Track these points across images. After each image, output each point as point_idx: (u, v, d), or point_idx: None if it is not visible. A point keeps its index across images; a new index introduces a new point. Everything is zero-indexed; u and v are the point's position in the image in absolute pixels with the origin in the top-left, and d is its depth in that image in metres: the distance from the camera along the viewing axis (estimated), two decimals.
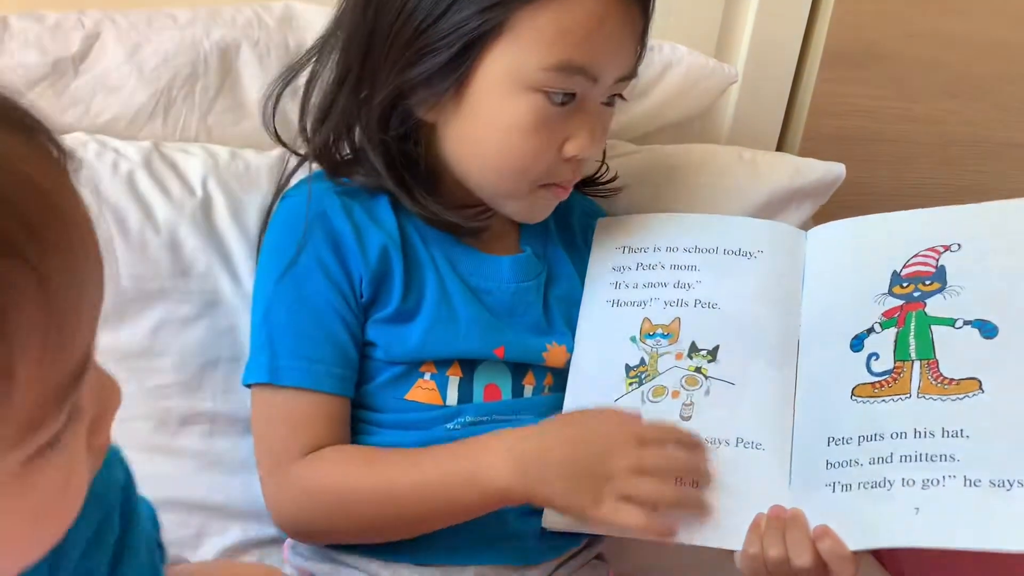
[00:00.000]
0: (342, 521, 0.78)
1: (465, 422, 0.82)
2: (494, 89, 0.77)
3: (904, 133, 1.40)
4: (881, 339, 0.77)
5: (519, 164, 0.80)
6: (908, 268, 0.80)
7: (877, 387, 0.75)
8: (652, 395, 0.82)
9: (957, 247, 0.79)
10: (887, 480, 0.70)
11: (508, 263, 0.87)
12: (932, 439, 0.70)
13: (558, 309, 0.89)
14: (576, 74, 0.76)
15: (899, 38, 1.34)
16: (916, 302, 0.78)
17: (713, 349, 0.83)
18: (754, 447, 0.77)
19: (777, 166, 1.09)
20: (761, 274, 0.87)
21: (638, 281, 0.89)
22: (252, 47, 1.00)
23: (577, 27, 0.74)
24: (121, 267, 0.87)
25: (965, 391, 0.71)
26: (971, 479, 0.67)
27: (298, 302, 0.80)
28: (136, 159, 0.92)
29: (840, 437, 0.74)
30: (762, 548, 0.72)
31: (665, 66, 1.13)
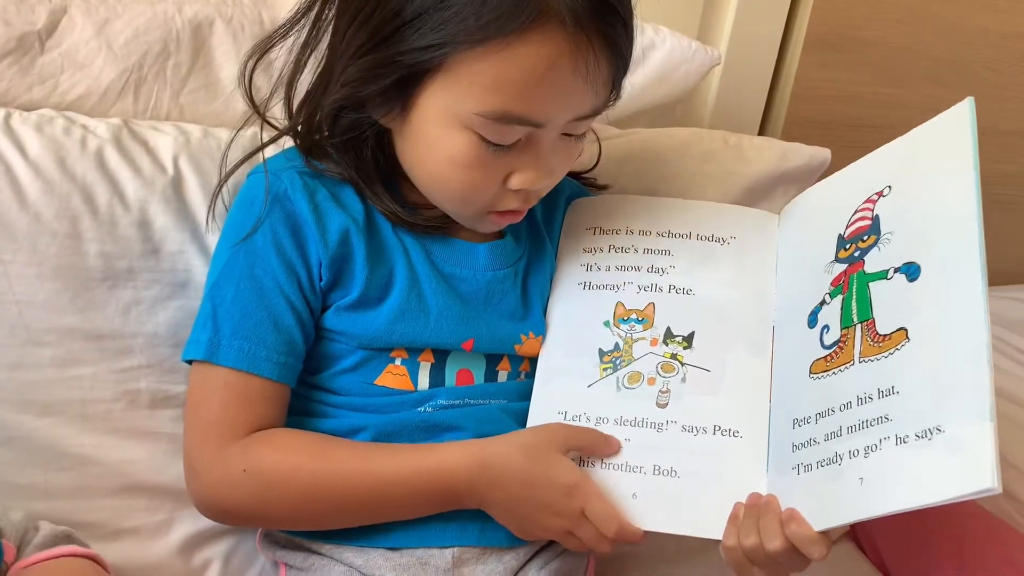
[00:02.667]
0: (278, 505, 0.77)
1: (437, 406, 0.81)
2: (433, 120, 0.73)
3: (886, 119, 1.39)
4: (831, 310, 0.76)
5: (459, 193, 0.78)
6: (849, 228, 0.78)
7: (828, 360, 0.73)
8: (628, 381, 0.81)
9: (888, 190, 0.76)
10: (837, 455, 0.68)
11: (485, 250, 0.85)
12: (871, 403, 0.68)
13: (537, 297, 0.87)
14: (513, 123, 0.71)
15: (882, 23, 1.34)
16: (857, 262, 0.75)
17: (689, 335, 0.82)
18: (732, 435, 0.77)
19: (763, 150, 1.08)
20: (735, 260, 0.86)
21: (610, 264, 0.88)
22: (226, 24, 0.98)
23: (516, 79, 0.69)
24: (90, 245, 0.85)
25: (895, 344, 0.68)
26: (901, 436, 0.64)
27: (246, 280, 0.77)
28: (105, 135, 0.89)
29: (802, 417, 0.73)
30: (738, 538, 0.71)
31: (647, 48, 1.12)
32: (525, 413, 0.83)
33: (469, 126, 0.72)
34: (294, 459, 0.76)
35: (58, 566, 0.67)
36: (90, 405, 0.85)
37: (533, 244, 0.89)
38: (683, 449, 0.77)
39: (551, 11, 0.67)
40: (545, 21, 0.67)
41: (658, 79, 1.13)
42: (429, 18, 0.69)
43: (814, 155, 1.08)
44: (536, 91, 0.70)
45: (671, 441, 0.78)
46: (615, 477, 0.77)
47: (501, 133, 0.72)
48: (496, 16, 0.67)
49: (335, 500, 0.76)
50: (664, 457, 0.77)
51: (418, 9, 0.69)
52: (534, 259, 0.89)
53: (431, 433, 0.80)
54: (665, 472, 0.76)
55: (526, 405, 0.84)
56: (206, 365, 0.77)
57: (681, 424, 0.78)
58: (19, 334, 0.83)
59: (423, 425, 0.80)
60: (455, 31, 0.68)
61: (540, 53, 0.68)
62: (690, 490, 0.76)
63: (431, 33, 0.69)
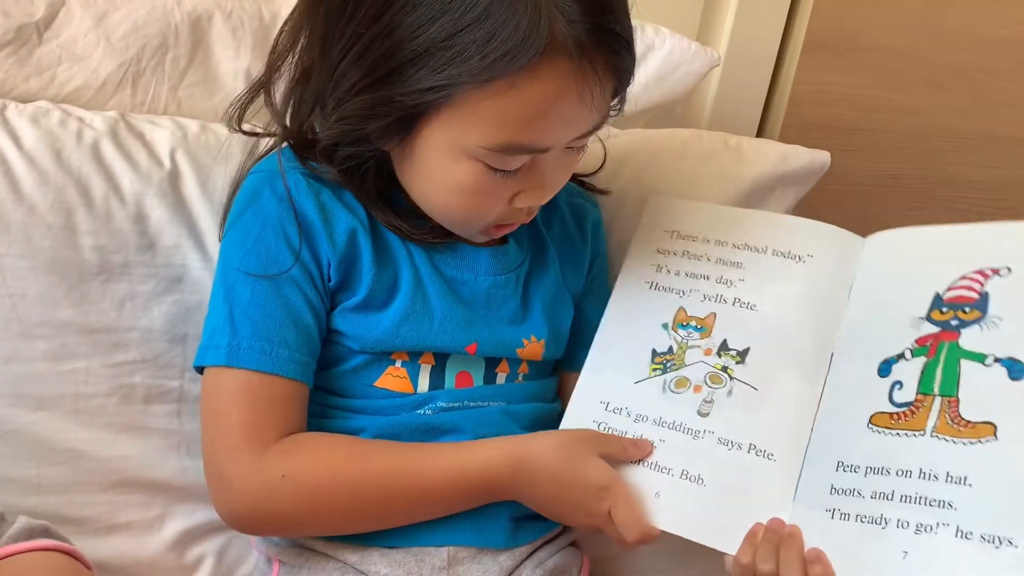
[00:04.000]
0: (319, 510, 0.76)
1: (437, 408, 0.80)
2: (438, 152, 0.73)
3: (884, 123, 1.40)
4: (909, 367, 0.74)
5: (464, 216, 0.77)
6: (952, 291, 0.75)
7: (895, 418, 0.72)
8: (674, 385, 0.81)
9: (1007, 271, 0.73)
10: (884, 518, 0.68)
11: (487, 254, 0.85)
12: (935, 482, 0.67)
13: (538, 302, 0.87)
14: (519, 153, 0.71)
15: (881, 27, 1.34)
16: (952, 331, 0.73)
17: (744, 351, 0.82)
18: (766, 456, 0.76)
19: (762, 152, 1.08)
20: (807, 280, 0.85)
21: (680, 269, 0.88)
22: (225, 18, 0.97)
23: (523, 113, 0.68)
24: (85, 238, 0.85)
25: (979, 436, 0.67)
26: (963, 531, 0.64)
27: (262, 280, 0.76)
28: (102, 129, 0.89)
29: (850, 464, 0.72)
30: (754, 559, 0.71)
31: (647, 48, 1.12)
32: (524, 415, 0.83)
33: (474, 156, 0.71)
34: (334, 462, 0.75)
35: (31, 560, 0.66)
36: (83, 400, 0.84)
37: (534, 249, 0.89)
38: (715, 460, 0.77)
39: (556, 44, 0.66)
40: (551, 55, 0.66)
41: (657, 80, 1.13)
42: (431, 57, 0.67)
43: (814, 158, 1.08)
44: (542, 122, 0.69)
45: (704, 450, 0.77)
46: (642, 473, 0.77)
47: (506, 162, 0.72)
48: (502, 55, 0.65)
49: (379, 502, 0.75)
50: (694, 463, 0.77)
51: (419, 48, 0.67)
52: (536, 264, 0.88)
53: (430, 435, 0.80)
54: (692, 478, 0.76)
55: (526, 407, 0.84)
56: (224, 370, 0.75)
57: (718, 436, 0.77)
58: (12, 327, 0.82)
59: (422, 428, 0.80)
60: (460, 71, 0.66)
61: (547, 87, 0.67)
62: (713, 500, 0.75)
63: (434, 73, 0.67)
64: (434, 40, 0.66)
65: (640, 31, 1.11)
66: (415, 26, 0.67)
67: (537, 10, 0.65)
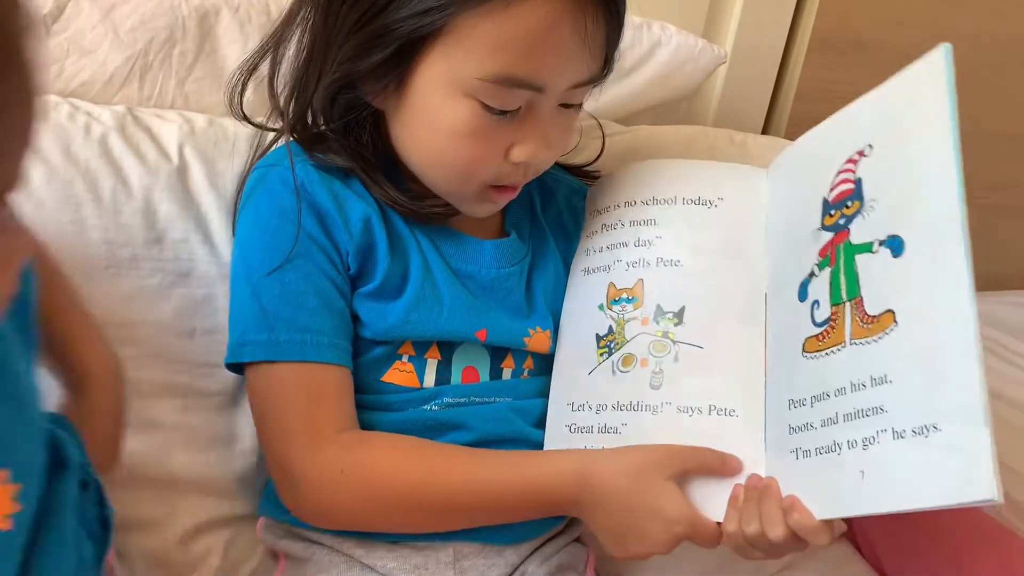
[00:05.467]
0: (378, 508, 0.75)
1: (443, 404, 0.80)
2: (433, 90, 0.72)
3: None
4: (820, 283, 0.70)
5: (461, 167, 0.76)
6: (834, 190, 0.71)
7: (821, 339, 0.68)
8: (622, 365, 0.78)
9: (869, 148, 0.68)
10: (836, 443, 0.64)
11: (491, 247, 0.85)
12: (864, 391, 0.63)
13: (541, 294, 0.87)
14: (516, 87, 0.71)
15: (886, 26, 1.34)
16: (842, 231, 0.68)
17: (679, 311, 0.78)
18: (727, 414, 0.73)
19: (768, 149, 1.09)
20: (723, 224, 0.81)
21: (602, 244, 0.85)
22: (232, 12, 0.97)
23: (518, 39, 0.68)
24: (93, 232, 0.85)
25: (884, 327, 0.62)
26: (897, 431, 0.60)
27: (290, 271, 0.76)
28: (110, 123, 0.89)
29: (797, 399, 0.69)
30: (740, 524, 0.69)
31: (653, 45, 1.12)
32: (532, 411, 0.83)
33: (470, 93, 0.71)
34: (396, 462, 0.75)
35: None
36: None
37: (536, 242, 0.89)
38: (680, 431, 0.73)
39: None
40: None
41: (663, 76, 1.13)
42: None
43: None
44: (537, 52, 0.69)
45: (667, 423, 0.74)
46: None
47: (503, 98, 0.71)
48: None
49: (439, 505, 0.75)
50: (661, 440, 0.73)
51: None
52: (538, 256, 0.88)
53: (437, 432, 0.79)
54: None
55: (533, 403, 0.84)
56: (268, 366, 0.75)
57: (676, 405, 0.74)
58: None
59: (429, 424, 0.80)
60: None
61: (541, 12, 0.68)
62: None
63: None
64: None
65: (647, 28, 1.11)
66: None
67: None
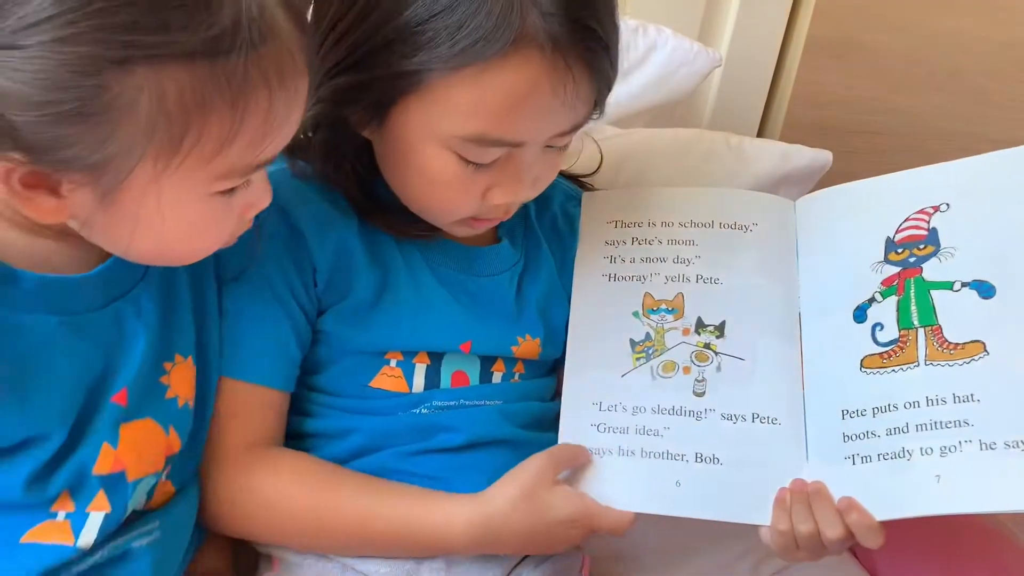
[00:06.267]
0: (273, 528, 0.77)
1: (432, 407, 0.80)
2: (411, 137, 0.72)
3: (884, 124, 1.40)
4: (883, 308, 0.78)
5: (438, 208, 0.77)
6: (901, 233, 0.80)
7: (885, 357, 0.75)
8: (662, 370, 0.81)
9: (946, 207, 0.79)
10: (906, 450, 0.71)
11: (481, 253, 0.85)
12: (944, 406, 0.71)
13: (533, 301, 0.86)
14: (492, 145, 0.70)
15: (882, 30, 1.34)
16: (912, 268, 0.78)
17: (720, 324, 0.83)
18: (771, 422, 0.78)
19: (764, 152, 1.08)
20: (758, 247, 0.86)
21: (635, 256, 0.87)
22: None
23: (495, 104, 0.67)
24: None
25: (971, 355, 0.71)
26: (986, 442, 0.68)
27: (243, 290, 0.76)
28: None
29: (854, 410, 0.75)
30: (791, 524, 0.72)
31: (649, 49, 1.12)
32: (522, 414, 0.83)
33: (448, 147, 0.71)
34: (297, 490, 0.75)
35: None
36: None
37: (529, 248, 0.89)
38: (724, 437, 0.77)
39: (528, 36, 0.65)
40: (523, 46, 0.65)
41: (659, 80, 1.13)
42: (404, 43, 0.67)
43: (815, 157, 1.08)
44: (515, 115, 0.69)
45: (711, 429, 0.78)
46: (656, 465, 0.77)
47: (480, 154, 0.71)
48: (472, 42, 0.65)
49: (336, 537, 0.75)
50: (705, 444, 0.77)
51: (392, 33, 0.67)
52: (531, 262, 0.88)
53: (425, 434, 0.79)
54: (708, 459, 0.76)
55: (522, 406, 0.83)
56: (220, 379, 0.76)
57: (720, 412, 0.78)
58: None
59: (418, 426, 0.79)
60: (430, 57, 0.66)
61: (518, 78, 0.67)
62: (734, 477, 0.76)
63: (405, 59, 0.67)
64: (407, 25, 0.66)
65: (642, 31, 1.11)
66: (391, 10, 0.67)
67: (510, 1, 0.65)
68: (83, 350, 0.63)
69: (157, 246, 0.63)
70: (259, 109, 0.57)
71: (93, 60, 0.51)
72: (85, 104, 0.52)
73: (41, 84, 0.51)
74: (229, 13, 0.53)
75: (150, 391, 0.68)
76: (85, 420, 0.64)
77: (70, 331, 0.63)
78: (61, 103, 0.51)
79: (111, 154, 0.54)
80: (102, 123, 0.53)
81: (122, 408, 0.65)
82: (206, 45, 0.53)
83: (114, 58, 0.51)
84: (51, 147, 0.53)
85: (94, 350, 0.64)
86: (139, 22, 0.51)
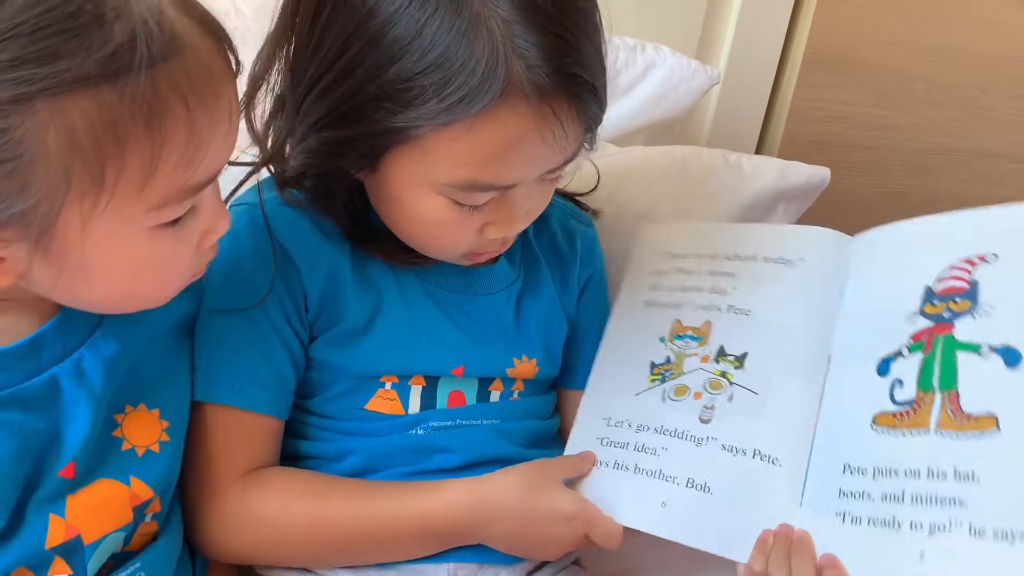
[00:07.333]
0: (273, 548, 0.76)
1: (429, 428, 0.80)
2: (402, 183, 0.72)
3: (881, 140, 1.41)
4: (907, 364, 0.73)
5: (434, 247, 0.77)
6: (942, 283, 0.74)
7: (898, 417, 0.71)
8: (674, 394, 0.81)
9: (994, 257, 0.72)
10: (896, 520, 0.67)
11: (479, 272, 0.84)
12: (944, 481, 0.66)
13: (532, 320, 0.86)
14: (484, 191, 0.70)
15: (879, 46, 1.35)
16: (945, 324, 0.72)
17: (741, 355, 0.82)
18: (771, 461, 0.75)
19: (762, 168, 1.08)
20: (799, 283, 0.84)
21: (675, 285, 0.89)
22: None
23: (484, 154, 0.67)
24: None
25: (982, 428, 0.66)
26: (976, 528, 0.62)
27: (235, 318, 0.76)
28: None
29: (856, 467, 0.71)
30: (766, 567, 0.70)
31: (647, 67, 1.12)
32: (520, 432, 0.83)
33: (440, 192, 0.71)
34: (287, 503, 0.75)
35: None
36: None
37: (528, 267, 0.88)
38: (720, 467, 0.76)
39: (513, 88, 0.65)
40: (509, 98, 0.65)
41: (657, 97, 1.14)
42: (390, 99, 0.66)
43: (813, 174, 1.08)
44: (505, 162, 0.69)
45: (709, 457, 0.77)
46: (646, 483, 0.77)
47: (471, 198, 0.71)
48: (459, 99, 0.64)
49: (332, 544, 0.75)
50: (699, 471, 0.76)
51: (377, 90, 0.66)
52: (529, 282, 0.88)
53: (423, 455, 0.79)
54: (698, 486, 0.75)
55: (520, 425, 0.83)
56: (199, 405, 0.75)
57: (721, 442, 0.77)
58: None
59: (415, 447, 0.79)
60: (418, 113, 0.66)
61: (507, 128, 0.66)
62: (721, 508, 0.74)
63: (392, 115, 0.67)
64: (393, 82, 0.65)
65: (640, 50, 1.12)
66: (374, 67, 0.66)
67: (495, 54, 0.64)
68: (22, 423, 0.60)
69: (119, 291, 0.60)
70: (178, 127, 0.53)
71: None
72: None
73: None
74: (122, 29, 0.50)
75: (102, 451, 0.65)
76: (27, 498, 0.60)
77: (7, 405, 0.59)
78: None
79: (32, 202, 0.51)
80: (14, 171, 0.50)
81: (68, 480, 0.62)
82: (101, 67, 0.49)
83: (6, 99, 0.48)
84: None
85: (34, 422, 0.60)
86: (23, 56, 0.48)
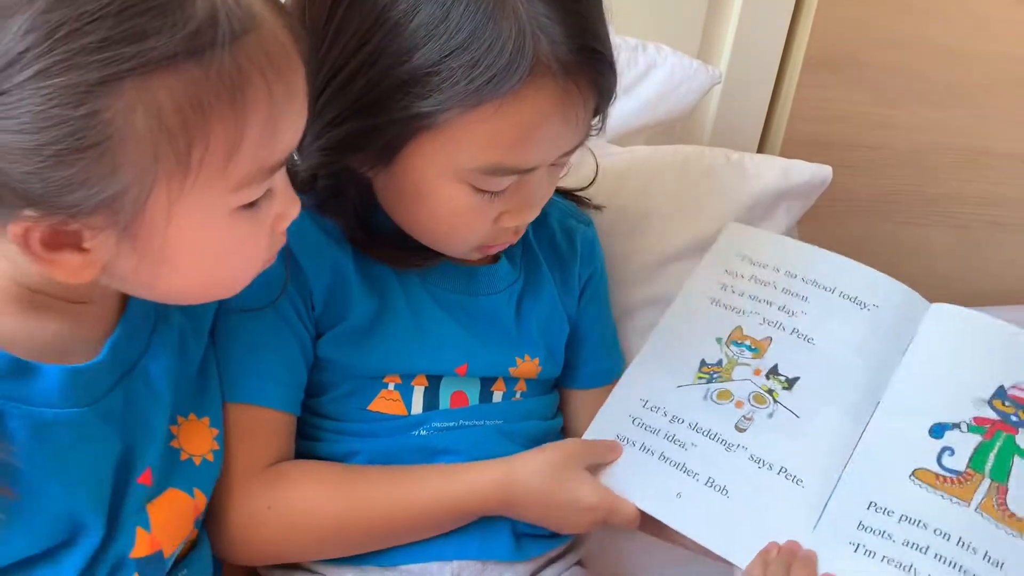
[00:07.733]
0: (305, 539, 0.76)
1: (432, 428, 0.80)
2: (422, 174, 0.72)
3: (882, 140, 1.41)
4: (963, 439, 0.77)
5: (450, 237, 0.77)
6: (1017, 390, 0.80)
7: (940, 480, 0.75)
8: (716, 396, 0.83)
9: None
10: (914, 568, 0.70)
11: (480, 273, 0.84)
12: (973, 556, 0.70)
13: (533, 320, 0.86)
14: (507, 174, 0.71)
15: (880, 45, 1.35)
16: (1012, 426, 0.77)
17: (793, 379, 0.84)
18: (795, 481, 0.77)
19: (764, 168, 1.08)
20: (868, 327, 0.86)
21: (745, 291, 0.90)
22: None
23: (510, 135, 0.68)
24: None
25: (1020, 530, 0.71)
26: None
27: (247, 317, 0.76)
28: None
29: (883, 507, 0.74)
30: (763, 574, 0.71)
31: (649, 66, 1.12)
32: (522, 433, 0.83)
33: (461, 179, 0.71)
34: (318, 492, 0.75)
35: None
36: None
37: (528, 267, 0.88)
38: (743, 475, 0.78)
39: (541, 66, 0.65)
40: (536, 77, 0.65)
41: (659, 97, 1.14)
42: (417, 84, 0.66)
43: (815, 172, 1.08)
44: (529, 143, 0.69)
45: (735, 464, 0.78)
46: (667, 471, 0.79)
47: (493, 183, 0.71)
48: (488, 79, 0.64)
49: (363, 530, 0.76)
50: (722, 474, 0.78)
51: (403, 76, 0.66)
52: (530, 282, 0.88)
53: (425, 456, 0.79)
54: (717, 488, 0.77)
55: (523, 425, 0.84)
56: (223, 404, 0.75)
57: (751, 452, 0.79)
58: None
59: (418, 448, 0.79)
60: (447, 96, 0.65)
61: (533, 108, 0.67)
62: (734, 513, 0.76)
63: (421, 100, 0.66)
64: (420, 67, 0.65)
65: (642, 49, 1.12)
66: (400, 53, 0.66)
67: (521, 33, 0.64)
68: (107, 435, 0.62)
69: (200, 277, 0.61)
70: (260, 101, 0.54)
71: (76, 88, 0.48)
72: (81, 137, 0.49)
73: (32, 128, 0.48)
74: (203, 6, 0.51)
75: (169, 462, 0.67)
76: (116, 507, 0.62)
77: (96, 418, 0.61)
78: (57, 142, 0.49)
79: (123, 186, 0.52)
80: (104, 154, 0.50)
81: (147, 488, 0.64)
82: (186, 44, 0.50)
83: (96, 80, 0.48)
84: (60, 192, 0.50)
85: (115, 433, 0.63)
86: (111, 37, 0.48)
